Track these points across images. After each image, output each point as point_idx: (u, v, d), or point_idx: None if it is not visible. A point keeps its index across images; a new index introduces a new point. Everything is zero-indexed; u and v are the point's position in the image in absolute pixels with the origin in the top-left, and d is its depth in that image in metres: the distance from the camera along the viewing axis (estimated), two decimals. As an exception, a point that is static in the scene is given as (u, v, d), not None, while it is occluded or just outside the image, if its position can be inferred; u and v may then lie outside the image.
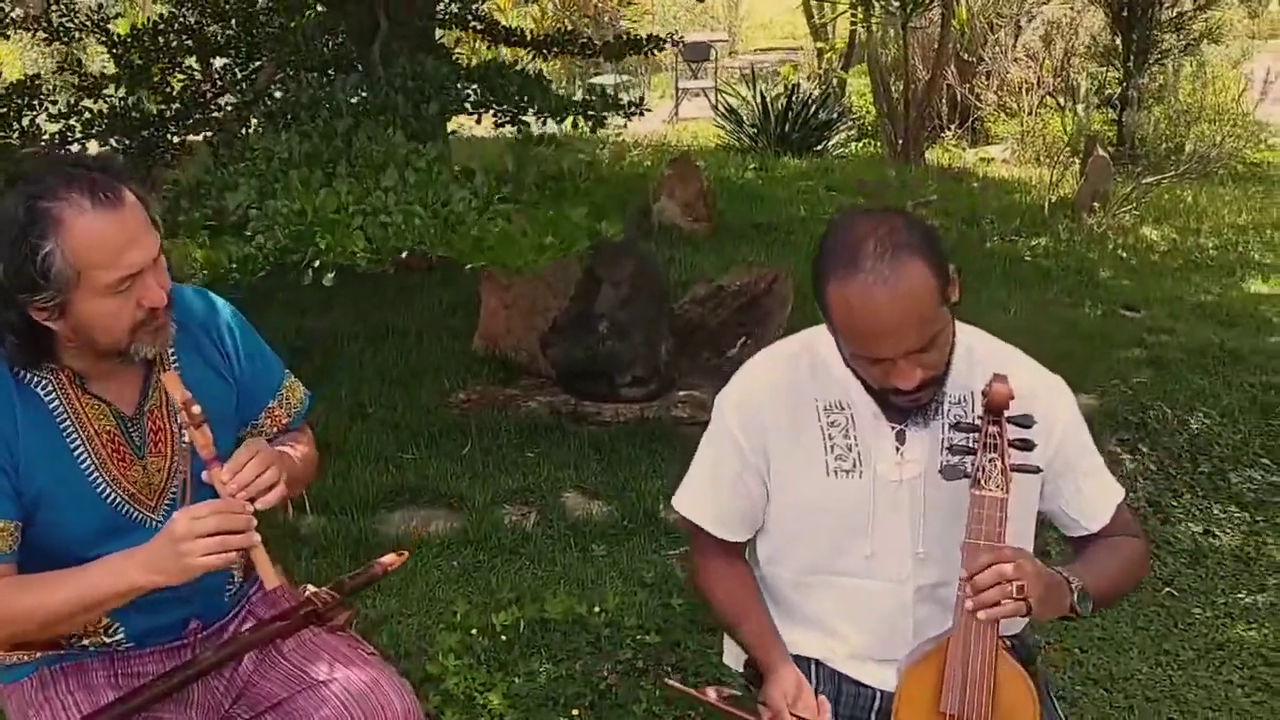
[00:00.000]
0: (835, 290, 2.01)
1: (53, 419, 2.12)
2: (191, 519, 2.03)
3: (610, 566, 4.19)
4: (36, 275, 1.96)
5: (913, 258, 1.99)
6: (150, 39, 6.01)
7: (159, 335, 2.11)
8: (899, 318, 1.98)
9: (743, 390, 2.34)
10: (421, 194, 3.72)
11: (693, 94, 16.09)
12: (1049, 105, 12.70)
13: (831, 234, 2.09)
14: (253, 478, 2.09)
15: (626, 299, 5.17)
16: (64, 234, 1.96)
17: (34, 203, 1.96)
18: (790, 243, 8.13)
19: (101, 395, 2.16)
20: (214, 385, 2.28)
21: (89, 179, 1.99)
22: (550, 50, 7.14)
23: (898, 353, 2.01)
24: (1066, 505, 2.31)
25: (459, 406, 5.27)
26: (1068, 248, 8.59)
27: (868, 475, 2.22)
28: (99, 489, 2.15)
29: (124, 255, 2.00)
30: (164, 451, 2.22)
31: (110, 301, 2.02)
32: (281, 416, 2.45)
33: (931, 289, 2.00)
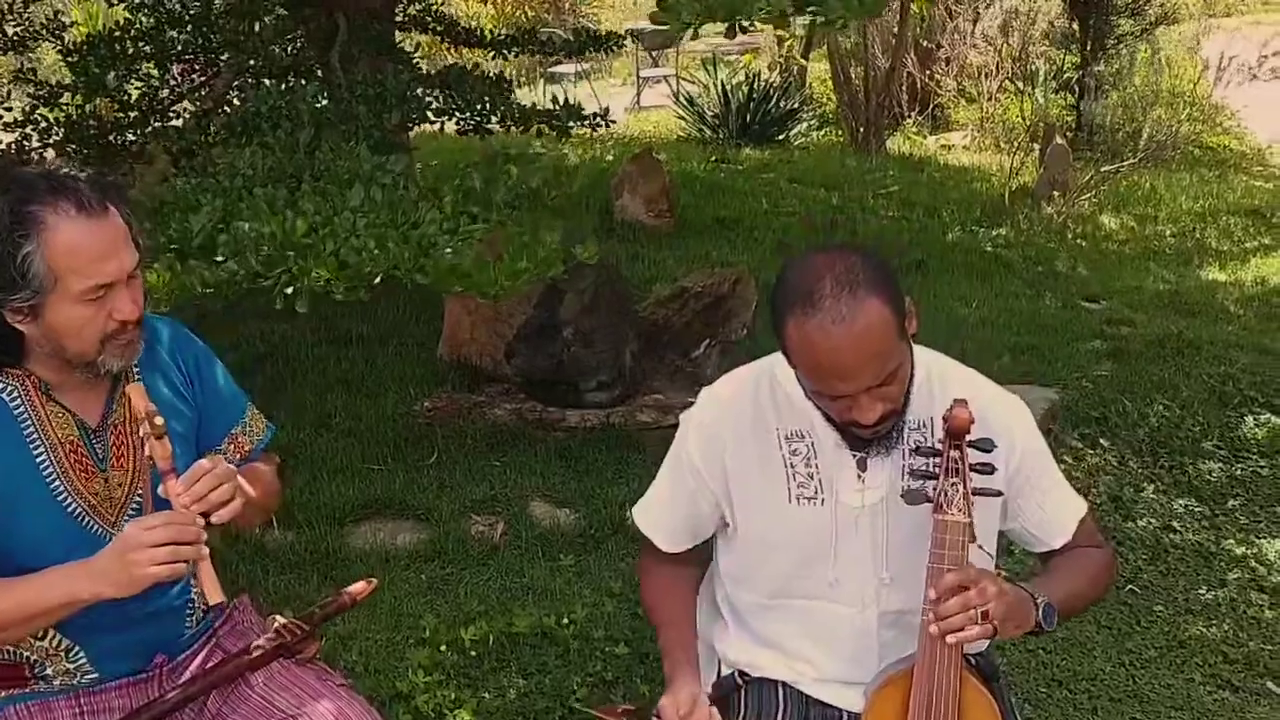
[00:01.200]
0: (794, 329, 2.04)
1: (16, 424, 2.15)
2: (142, 529, 2.06)
3: (578, 577, 4.21)
4: (15, 274, 2.02)
5: (870, 295, 2.02)
6: (106, 46, 5.95)
7: (128, 350, 2.16)
8: (857, 356, 2.01)
9: (704, 417, 2.37)
10: (391, 214, 3.72)
11: (653, 81, 16.05)
12: (1008, 91, 12.76)
13: (788, 272, 2.13)
14: (206, 491, 2.11)
15: (590, 306, 5.18)
16: (46, 237, 2.02)
17: (20, 205, 2.03)
18: (754, 238, 8.16)
19: (66, 404, 2.19)
20: (176, 410, 2.31)
21: (76, 188, 2.06)
22: (510, 50, 7.12)
23: (857, 389, 2.05)
24: (1029, 523, 2.35)
25: (424, 415, 5.27)
26: (1027, 238, 8.65)
27: (830, 502, 2.26)
28: (59, 497, 2.17)
29: (102, 264, 2.06)
30: (125, 466, 2.24)
31: (83, 309, 2.07)
32: (244, 444, 2.48)
33: (889, 325, 2.04)
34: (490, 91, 5.73)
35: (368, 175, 4.10)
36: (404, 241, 3.59)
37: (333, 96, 5.34)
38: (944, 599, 2.04)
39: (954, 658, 2.10)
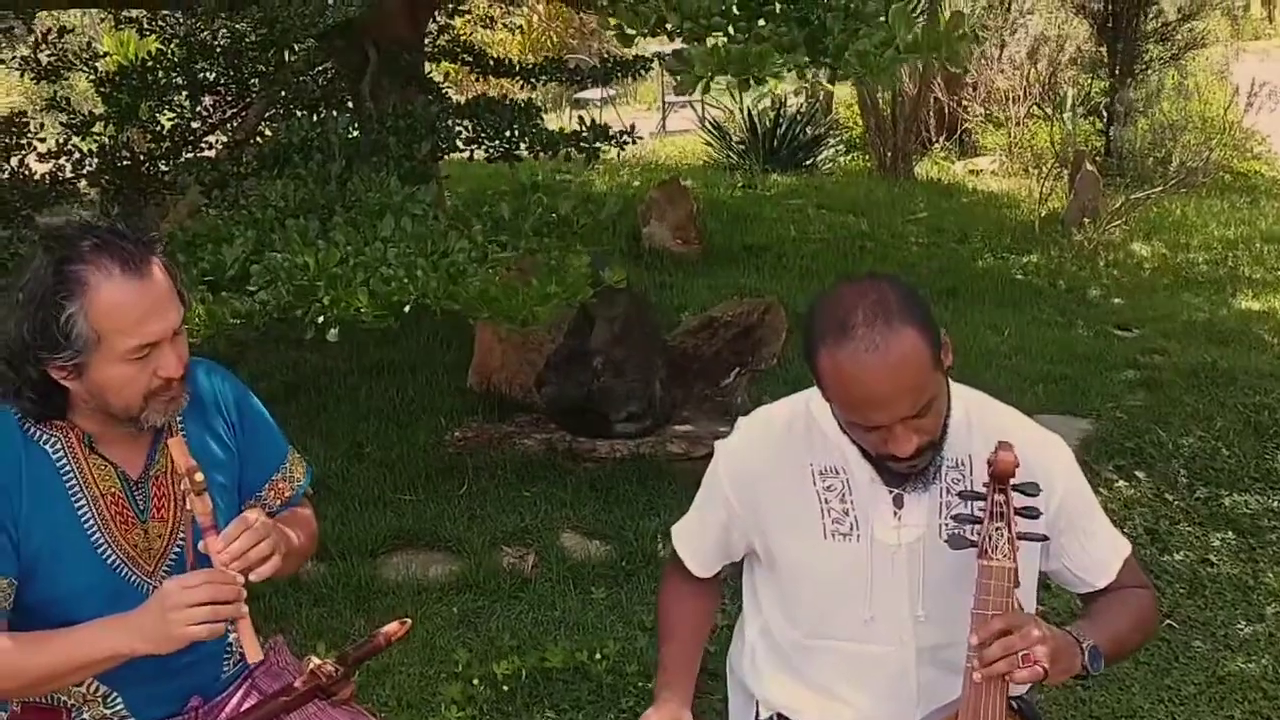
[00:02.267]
0: (827, 358, 2.02)
1: (59, 476, 2.13)
2: (182, 587, 2.04)
3: (610, 610, 4.18)
4: (59, 335, 2.00)
5: (904, 324, 2.00)
6: (138, 76, 5.99)
7: (171, 405, 2.13)
8: (892, 385, 1.99)
9: (738, 452, 2.35)
10: (420, 244, 3.72)
11: (679, 106, 16.10)
12: (1036, 116, 12.73)
13: (821, 303, 2.11)
14: (246, 549, 2.09)
15: (620, 335, 5.17)
16: (89, 298, 2.00)
17: (63, 265, 2.01)
18: (782, 265, 8.15)
19: (109, 456, 2.17)
20: (218, 456, 2.30)
21: (120, 246, 2.03)
22: (539, 79, 7.14)
23: (892, 420, 2.03)
24: (1071, 564, 2.31)
25: (455, 445, 5.26)
26: (1058, 265, 8.61)
27: (865, 539, 2.23)
28: (99, 549, 2.15)
29: (145, 324, 2.04)
30: (165, 517, 2.22)
31: (127, 368, 2.05)
32: (285, 489, 2.46)
33: (924, 354, 2.02)
34: (519, 119, 5.74)
35: (398, 206, 4.11)
36: (433, 270, 3.59)
37: (363, 128, 5.37)
38: (988, 644, 2.01)
39: (1000, 703, 2.06)
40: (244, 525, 2.12)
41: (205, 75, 6.37)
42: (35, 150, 6.10)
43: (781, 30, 3.50)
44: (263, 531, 2.13)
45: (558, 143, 5.55)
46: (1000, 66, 13.23)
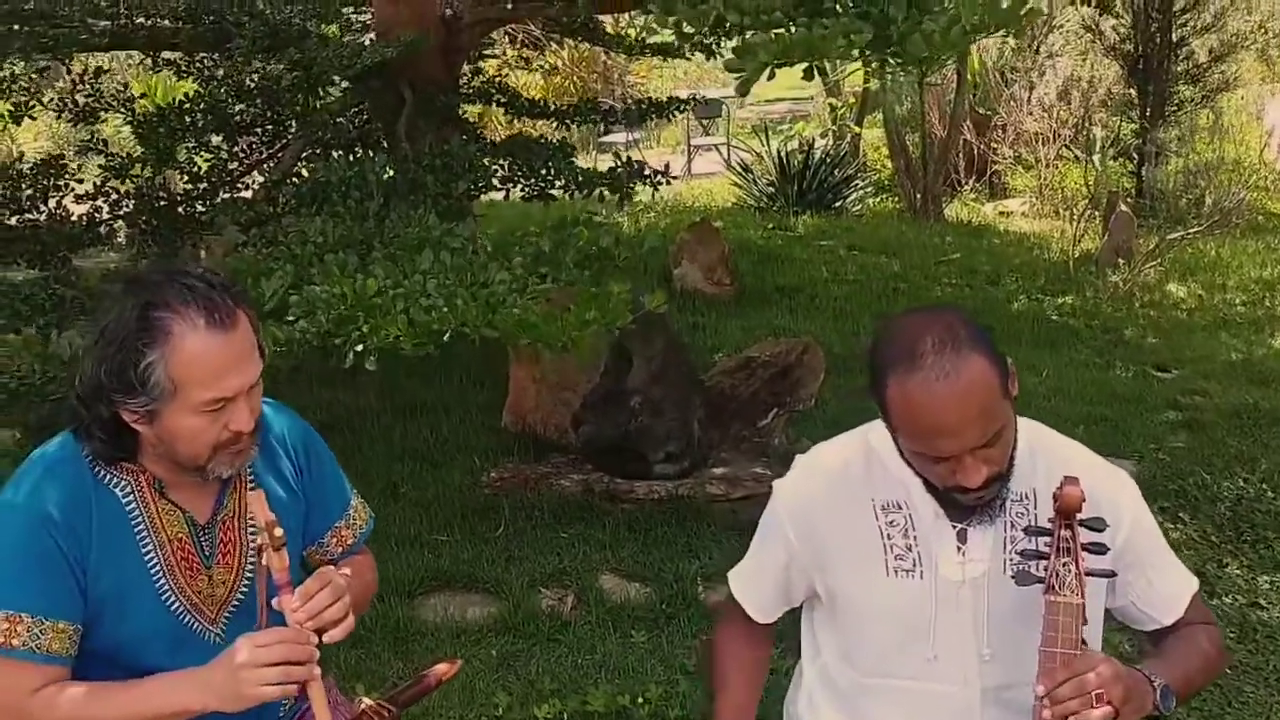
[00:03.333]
0: (895, 388, 1.99)
1: (128, 521, 2.10)
2: (255, 646, 2.01)
3: (651, 654, 4.12)
4: (135, 380, 1.97)
5: (972, 351, 1.97)
6: (176, 118, 6.02)
7: (239, 458, 2.11)
8: (962, 413, 1.96)
9: (798, 489, 2.31)
10: (460, 275, 3.71)
11: (704, 149, 16.12)
12: (1066, 158, 12.70)
13: (886, 333, 2.09)
14: (322, 608, 2.06)
15: (658, 375, 5.13)
16: (170, 347, 1.97)
17: (149, 311, 1.97)
18: (815, 306, 8.11)
19: (178, 501, 2.14)
20: (285, 501, 2.27)
21: (208, 297, 2.00)
22: (573, 120, 7.15)
23: (962, 449, 1.98)
24: (1138, 600, 2.25)
25: (491, 485, 5.23)
26: (1094, 306, 8.55)
27: (929, 575, 2.17)
28: (164, 595, 2.13)
29: (224, 379, 2.01)
30: (230, 563, 2.19)
31: (199, 419, 2.02)
32: (347, 536, 2.43)
33: (993, 382, 1.99)
34: (554, 158, 5.74)
35: (436, 240, 4.10)
36: (473, 299, 3.57)
37: (399, 167, 5.37)
38: (1059, 684, 1.95)
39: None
40: (321, 583, 2.08)
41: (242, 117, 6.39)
42: (73, 191, 6.13)
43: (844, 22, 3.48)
44: (339, 591, 2.10)
45: (592, 181, 5.54)
46: (1029, 108, 13.20)
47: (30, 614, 2.02)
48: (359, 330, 3.51)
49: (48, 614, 2.03)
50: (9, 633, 2.01)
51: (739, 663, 2.41)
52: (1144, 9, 11.85)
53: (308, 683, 2.03)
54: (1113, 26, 12.46)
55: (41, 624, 2.03)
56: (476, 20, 6.69)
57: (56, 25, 6.05)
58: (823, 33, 3.57)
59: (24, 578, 2.03)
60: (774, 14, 3.74)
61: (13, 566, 2.04)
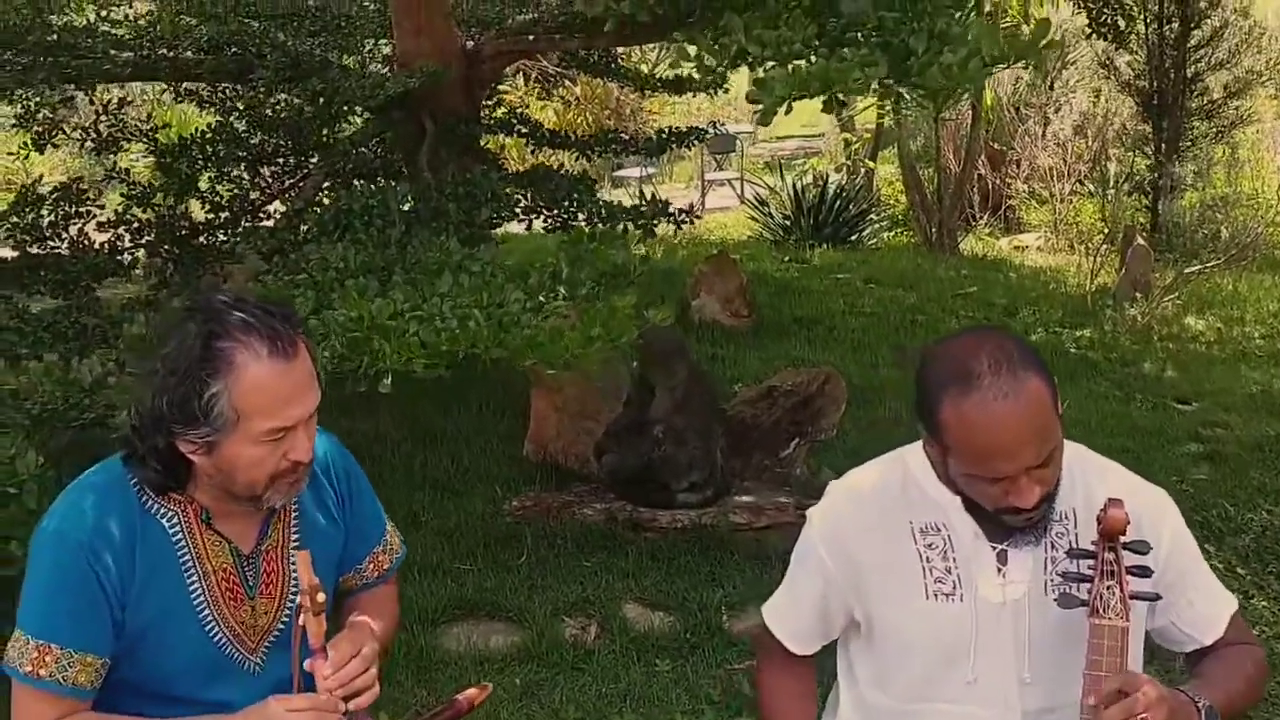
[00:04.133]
0: (951, 409, 1.97)
1: (173, 551, 2.09)
2: (287, 710, 2.01)
3: (676, 683, 4.10)
4: (198, 411, 1.95)
5: (1027, 371, 1.96)
6: (198, 148, 6.05)
7: (294, 488, 2.09)
8: (1022, 433, 1.94)
9: (832, 514, 2.28)
10: (476, 296, 3.70)
11: (717, 184, 16.16)
12: (1080, 193, 12.71)
13: (936, 355, 2.07)
14: (353, 678, 2.06)
15: (680, 404, 5.12)
16: (234, 377, 1.95)
17: (212, 341, 1.96)
18: (834, 337, 8.10)
19: (224, 532, 2.13)
20: (326, 528, 2.26)
21: (270, 326, 1.98)
22: (593, 151, 7.17)
23: (1018, 470, 1.96)
24: (1179, 621, 2.22)
25: (513, 514, 5.21)
26: (1112, 339, 8.52)
27: (969, 598, 2.15)
28: (206, 626, 2.12)
29: (287, 408, 1.99)
30: (273, 593, 2.18)
31: (259, 449, 2.00)
32: (384, 561, 2.43)
33: (1048, 401, 1.97)
34: (576, 189, 5.75)
35: (456, 264, 4.10)
36: (487, 320, 3.56)
37: (421, 196, 5.39)
38: (1108, 702, 1.92)
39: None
40: (354, 649, 2.08)
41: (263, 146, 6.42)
42: (94, 219, 6.15)
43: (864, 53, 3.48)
44: (369, 660, 2.09)
45: (616, 215, 5.54)
46: (1044, 143, 13.23)
47: (60, 645, 2.01)
48: (374, 353, 3.51)
49: (78, 646, 2.02)
50: (38, 662, 2.00)
51: (789, 696, 2.37)
52: (1158, 45, 11.87)
53: None
54: (1127, 63, 12.48)
55: (70, 656, 2.01)
56: (497, 52, 6.72)
57: (80, 56, 6.09)
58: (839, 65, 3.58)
59: (59, 608, 2.02)
60: (794, 46, 3.76)
61: (49, 596, 2.03)
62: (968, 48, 3.66)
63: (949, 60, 3.66)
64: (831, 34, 3.68)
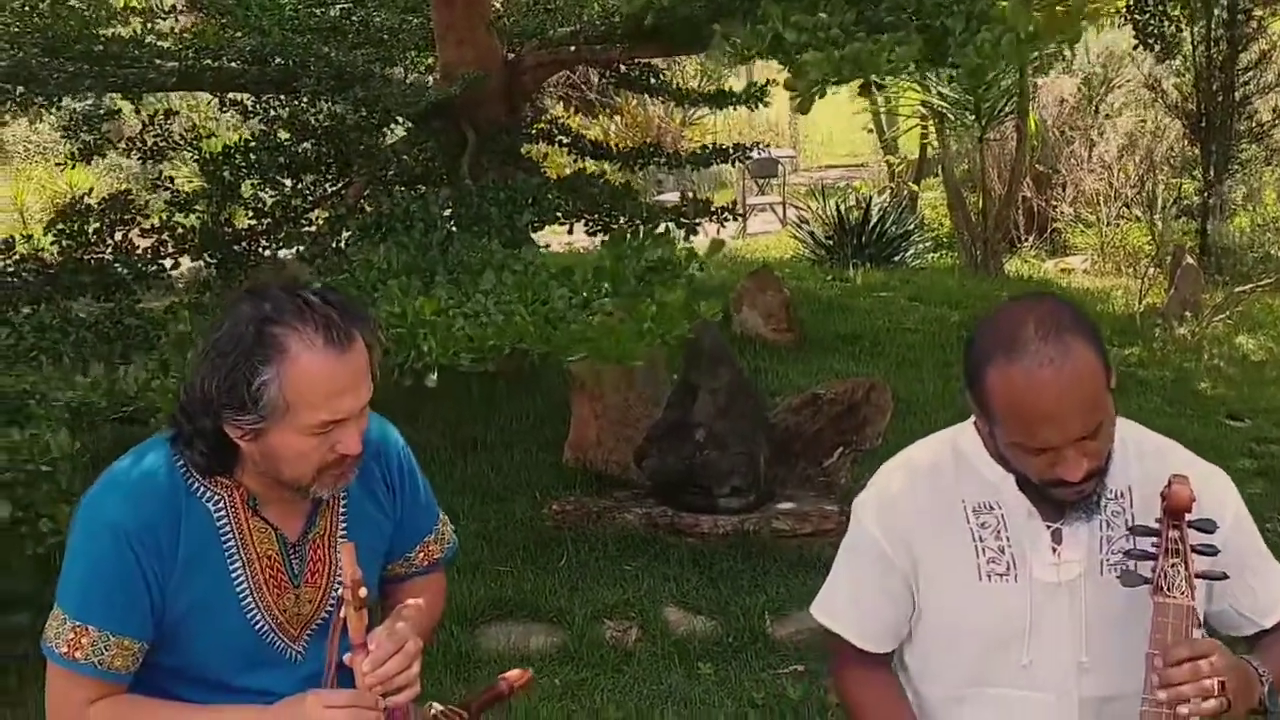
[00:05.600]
0: (997, 376, 1.90)
1: (217, 536, 2.03)
2: (325, 706, 1.95)
3: (718, 686, 4.02)
4: (247, 397, 1.89)
5: (1076, 339, 1.89)
6: (242, 156, 6.06)
7: (342, 480, 2.03)
8: (1067, 402, 1.87)
9: (883, 496, 2.20)
10: (521, 293, 3.66)
11: (759, 209, 16.10)
12: (1127, 217, 12.59)
13: (986, 322, 2.00)
14: (393, 674, 1.99)
15: (724, 408, 5.06)
16: (286, 365, 1.89)
17: (266, 326, 1.90)
18: (878, 352, 8.02)
19: (270, 519, 2.07)
20: (375, 519, 2.21)
21: (325, 315, 1.93)
22: (636, 162, 7.15)
23: (1066, 440, 1.89)
24: (1237, 603, 2.13)
25: (553, 518, 5.15)
26: (1162, 357, 8.40)
27: (1023, 578, 2.07)
28: (249, 613, 2.06)
29: (338, 400, 1.93)
30: (318, 582, 2.13)
31: (308, 440, 1.94)
32: (435, 551, 2.37)
33: (1098, 370, 1.90)
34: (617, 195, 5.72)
35: (499, 264, 4.06)
36: (532, 315, 3.52)
37: (462, 201, 5.37)
38: (1175, 670, 1.85)
39: (1179, 748, 1.89)
40: (395, 647, 2.01)
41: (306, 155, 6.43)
42: (139, 226, 6.18)
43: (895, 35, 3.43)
44: (410, 656, 2.03)
45: (657, 216, 5.51)
46: (1090, 166, 13.12)
47: (98, 627, 1.96)
48: (418, 348, 3.46)
49: (115, 629, 1.97)
50: (74, 644, 1.96)
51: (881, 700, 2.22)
52: (1206, 67, 11.76)
53: None
54: (1175, 85, 12.38)
55: (107, 639, 1.97)
56: (538, 63, 6.72)
57: (125, 65, 6.13)
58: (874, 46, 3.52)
59: (96, 591, 1.97)
60: (831, 31, 3.70)
61: (87, 578, 1.98)
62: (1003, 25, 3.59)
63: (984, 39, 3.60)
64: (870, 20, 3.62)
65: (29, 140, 16.46)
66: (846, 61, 3.49)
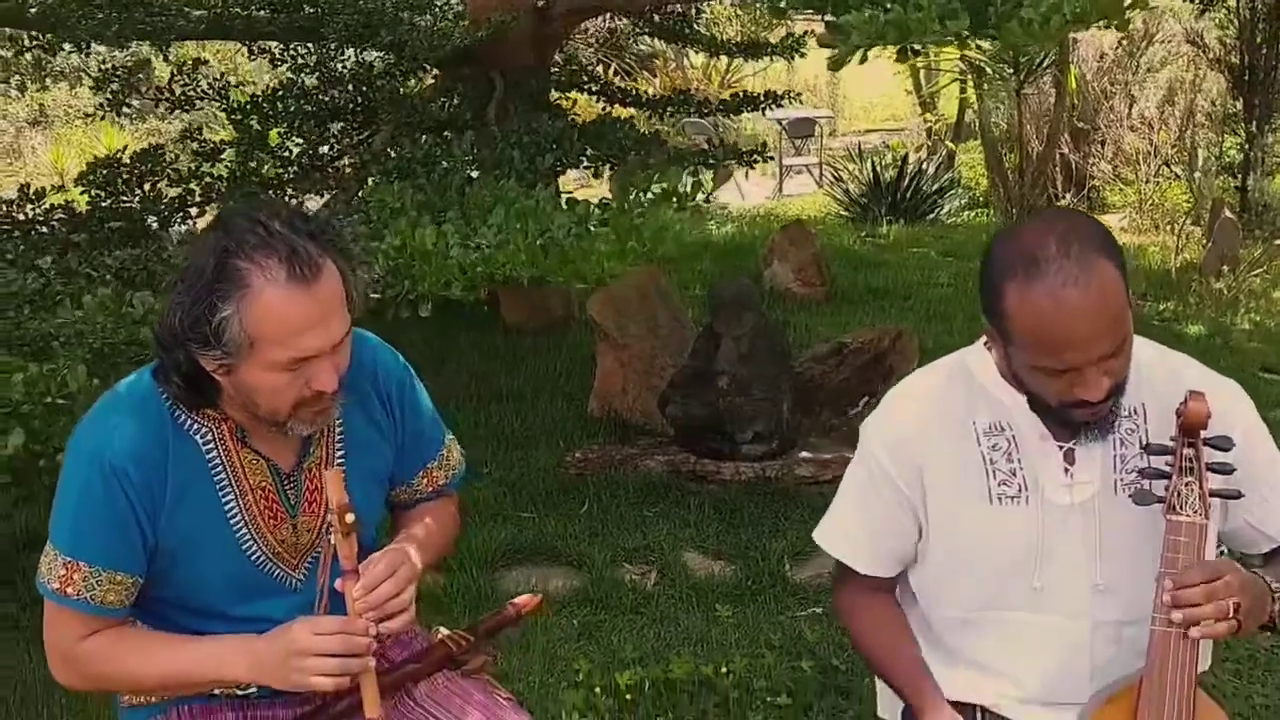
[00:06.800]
0: (1017, 296, 1.85)
1: (207, 469, 2.01)
2: (313, 634, 1.92)
3: (735, 628, 4.01)
4: (209, 333, 1.84)
5: (1098, 255, 1.84)
6: (269, 105, 6.05)
7: (320, 417, 1.98)
8: (1092, 321, 1.82)
9: (892, 419, 2.16)
10: (523, 223, 3.63)
11: (795, 170, 15.95)
12: (1166, 175, 12.39)
13: (1001, 242, 1.95)
14: (384, 600, 1.96)
15: (747, 354, 5.02)
16: (247, 302, 1.82)
17: (227, 259, 1.83)
18: (909, 307, 7.96)
19: (261, 450, 2.04)
20: (374, 445, 2.17)
21: (290, 247, 1.84)
22: (665, 110, 7.08)
23: (1089, 360, 1.85)
24: (1253, 519, 2.09)
25: (576, 466, 5.15)
26: (1197, 311, 8.29)
27: (1035, 500, 2.04)
28: (244, 545, 2.04)
29: (302, 338, 1.86)
30: (316, 511, 2.10)
31: (278, 376, 1.89)
32: (439, 478, 2.32)
33: (1120, 287, 1.85)
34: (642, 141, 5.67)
35: (510, 201, 4.02)
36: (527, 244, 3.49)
37: (484, 144, 5.34)
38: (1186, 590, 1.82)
39: (1189, 665, 1.86)
40: (389, 570, 1.98)
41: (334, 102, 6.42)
42: (167, 176, 6.18)
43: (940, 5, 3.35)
44: (404, 580, 2.00)
45: (683, 159, 5.46)
46: (1131, 123, 12.91)
47: (89, 563, 1.95)
48: (412, 278, 3.44)
49: (106, 565, 1.95)
50: (65, 580, 1.95)
51: (885, 626, 2.21)
52: (1250, 19, 11.53)
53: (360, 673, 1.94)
54: (1217, 38, 12.15)
55: (99, 575, 1.95)
56: (568, 9, 6.66)
57: (155, 14, 6.11)
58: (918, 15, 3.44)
59: (86, 527, 1.95)
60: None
61: (77, 514, 1.96)
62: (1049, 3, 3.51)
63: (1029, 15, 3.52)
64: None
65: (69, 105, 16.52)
66: (891, 27, 3.42)
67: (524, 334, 7.11)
